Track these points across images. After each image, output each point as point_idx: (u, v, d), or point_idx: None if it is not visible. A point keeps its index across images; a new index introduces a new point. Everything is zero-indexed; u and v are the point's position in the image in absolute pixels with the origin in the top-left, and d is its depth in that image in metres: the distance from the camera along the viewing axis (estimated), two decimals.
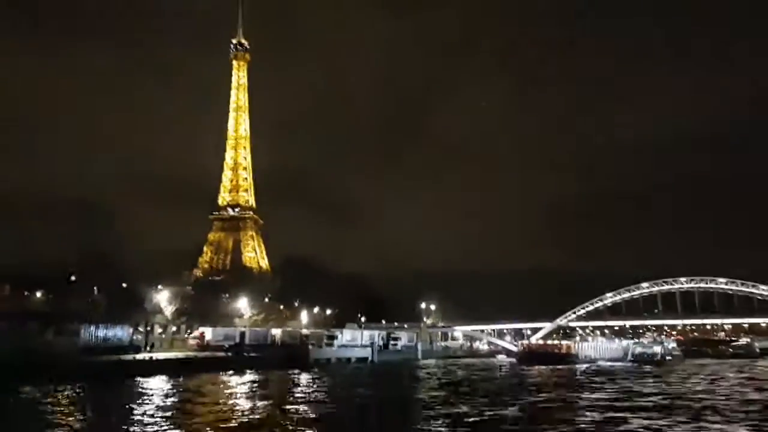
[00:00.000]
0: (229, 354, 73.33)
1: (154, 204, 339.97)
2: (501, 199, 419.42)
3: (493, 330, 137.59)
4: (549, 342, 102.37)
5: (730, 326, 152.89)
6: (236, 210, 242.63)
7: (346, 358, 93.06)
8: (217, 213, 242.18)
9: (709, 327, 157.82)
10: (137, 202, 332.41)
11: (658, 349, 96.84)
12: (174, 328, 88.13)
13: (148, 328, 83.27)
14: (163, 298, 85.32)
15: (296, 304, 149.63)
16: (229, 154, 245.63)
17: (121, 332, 73.29)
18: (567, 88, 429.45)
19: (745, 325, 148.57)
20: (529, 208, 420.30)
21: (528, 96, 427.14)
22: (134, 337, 75.37)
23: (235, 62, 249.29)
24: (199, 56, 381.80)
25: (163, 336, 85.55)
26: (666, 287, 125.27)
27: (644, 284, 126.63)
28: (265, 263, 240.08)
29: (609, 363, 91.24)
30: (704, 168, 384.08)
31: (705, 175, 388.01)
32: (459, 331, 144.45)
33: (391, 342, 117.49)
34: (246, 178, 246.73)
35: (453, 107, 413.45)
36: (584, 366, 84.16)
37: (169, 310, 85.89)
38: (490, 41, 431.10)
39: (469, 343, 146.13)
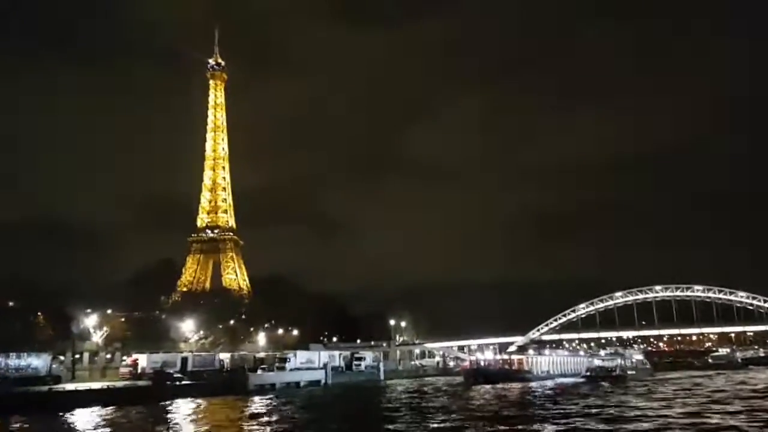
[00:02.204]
0: (151, 383, 67.65)
1: (131, 226, 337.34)
2: (480, 215, 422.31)
3: (468, 346, 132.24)
4: (498, 357, 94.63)
5: (715, 336, 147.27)
6: (215, 231, 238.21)
7: (294, 382, 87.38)
8: (195, 235, 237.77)
9: (695, 338, 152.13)
10: (115, 225, 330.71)
11: (617, 362, 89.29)
12: (108, 356, 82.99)
13: (77, 356, 78.18)
14: (91, 323, 79.95)
15: (267, 325, 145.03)
16: (207, 175, 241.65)
17: (37, 361, 68.47)
18: (539, 103, 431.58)
19: (732, 335, 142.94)
20: (510, 222, 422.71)
21: (504, 112, 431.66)
22: (53, 366, 70.29)
23: (211, 82, 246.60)
24: (176, 77, 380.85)
25: (95, 364, 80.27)
26: (641, 296, 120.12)
27: (618, 293, 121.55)
28: (246, 285, 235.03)
29: (569, 380, 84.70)
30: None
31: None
32: (429, 348, 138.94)
33: (355, 362, 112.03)
34: (225, 199, 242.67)
35: (432, 124, 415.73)
36: (537, 384, 77.96)
37: (98, 336, 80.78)
38: (469, 58, 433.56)
39: (443, 361, 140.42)
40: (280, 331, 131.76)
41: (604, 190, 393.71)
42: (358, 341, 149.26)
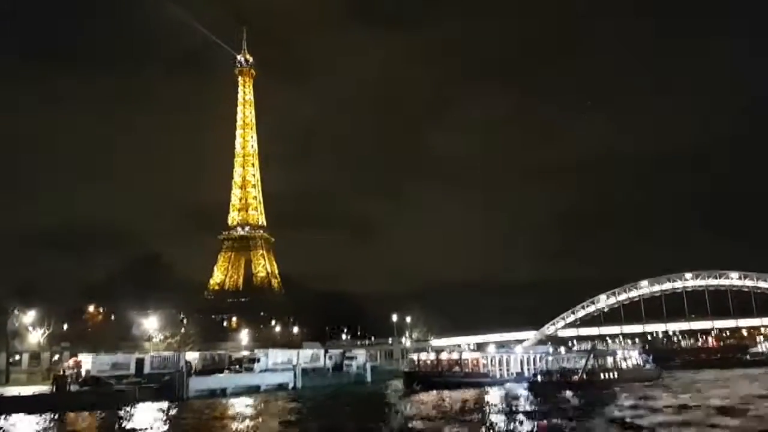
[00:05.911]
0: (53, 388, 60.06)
1: (164, 227, 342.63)
2: (501, 212, 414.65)
3: (473, 343, 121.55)
4: (446, 356, 79.56)
5: None
6: (246, 229, 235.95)
7: (254, 385, 79.28)
8: (226, 233, 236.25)
9: (745, 332, 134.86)
10: (147, 226, 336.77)
11: (581, 363, 67.10)
12: (56, 357, 77.98)
13: (17, 357, 73.54)
14: (29, 320, 74.81)
15: (272, 323, 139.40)
16: (237, 172, 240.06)
17: None
18: (563, 101, 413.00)
19: None
20: (530, 219, 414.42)
21: (525, 110, 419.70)
22: None
23: (240, 78, 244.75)
24: (198, 78, 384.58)
25: (37, 366, 75.24)
26: (669, 285, 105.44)
27: (644, 282, 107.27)
28: (277, 282, 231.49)
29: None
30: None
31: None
32: (436, 345, 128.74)
33: (346, 362, 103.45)
34: (255, 196, 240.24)
35: (454, 123, 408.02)
36: (497, 389, 65.12)
37: (38, 334, 75.88)
38: (489, 57, 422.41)
39: None
40: (278, 328, 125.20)
41: (623, 190, 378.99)
42: (373, 339, 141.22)
